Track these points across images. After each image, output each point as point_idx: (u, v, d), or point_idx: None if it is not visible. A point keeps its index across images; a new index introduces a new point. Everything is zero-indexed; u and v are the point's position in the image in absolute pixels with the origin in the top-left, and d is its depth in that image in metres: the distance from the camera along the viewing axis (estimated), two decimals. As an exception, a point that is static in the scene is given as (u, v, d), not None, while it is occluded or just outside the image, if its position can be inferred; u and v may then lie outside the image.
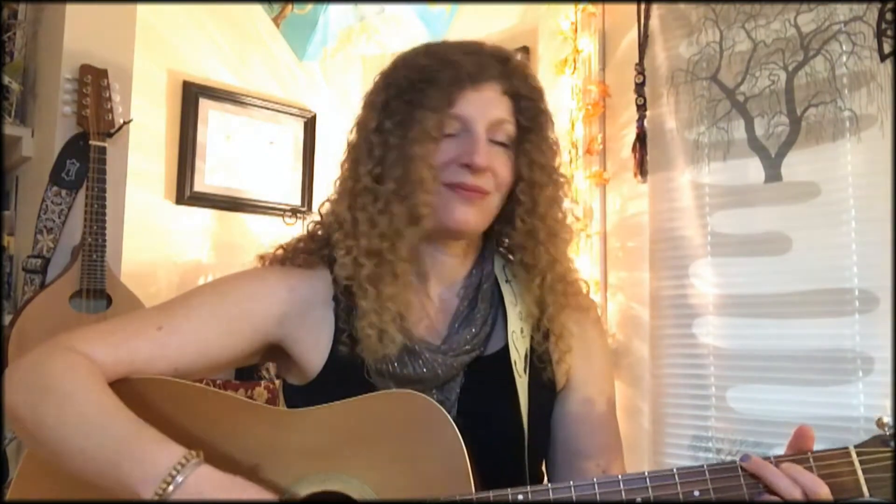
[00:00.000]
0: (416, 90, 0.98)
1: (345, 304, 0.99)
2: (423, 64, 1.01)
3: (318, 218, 1.08)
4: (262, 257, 1.09)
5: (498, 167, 0.99)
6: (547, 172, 1.02)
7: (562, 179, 1.06)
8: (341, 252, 0.98)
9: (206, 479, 0.77)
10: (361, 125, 1.03)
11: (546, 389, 1.04)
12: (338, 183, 1.04)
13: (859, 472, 0.79)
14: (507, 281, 1.05)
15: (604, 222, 2.23)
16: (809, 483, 0.78)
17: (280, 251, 1.08)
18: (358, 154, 1.01)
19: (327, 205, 1.06)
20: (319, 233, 1.06)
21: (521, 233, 1.02)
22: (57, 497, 0.84)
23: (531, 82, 1.04)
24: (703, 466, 0.81)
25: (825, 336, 1.74)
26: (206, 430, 0.89)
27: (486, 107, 0.98)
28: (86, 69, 2.06)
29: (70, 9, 2.12)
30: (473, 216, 0.98)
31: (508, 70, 1.02)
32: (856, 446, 0.80)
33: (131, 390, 0.89)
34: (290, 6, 2.93)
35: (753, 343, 1.86)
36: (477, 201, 0.98)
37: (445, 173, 0.97)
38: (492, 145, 0.98)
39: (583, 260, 2.17)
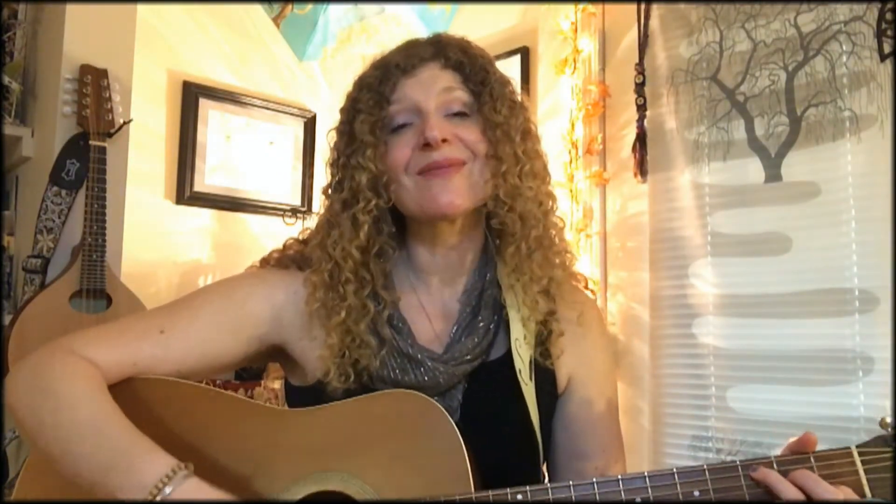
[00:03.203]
0: (354, 103, 0.99)
1: None
2: (360, 76, 1.02)
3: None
4: (264, 260, 1.09)
5: (464, 135, 0.96)
6: (503, 129, 0.97)
7: (521, 138, 0.98)
8: (309, 287, 0.98)
9: (193, 492, 0.77)
10: (328, 163, 1.03)
11: (551, 395, 1.03)
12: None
13: (861, 473, 0.78)
14: (510, 286, 1.01)
15: (604, 222, 2.23)
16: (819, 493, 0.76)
17: (278, 254, 1.08)
18: (327, 191, 1.02)
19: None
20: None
21: (493, 200, 0.97)
22: (64, 486, 0.83)
23: (472, 50, 1.01)
24: (703, 466, 0.81)
25: (825, 336, 1.73)
26: (207, 429, 0.89)
27: (425, 85, 0.97)
28: (86, 69, 2.06)
29: (70, 9, 2.12)
30: (457, 194, 0.94)
31: (441, 47, 1.00)
32: (858, 446, 0.79)
33: (133, 391, 0.89)
34: (290, 6, 2.93)
35: (753, 343, 1.86)
36: (454, 176, 0.94)
37: (413, 163, 0.95)
38: (450, 119, 0.96)
39: (583, 260, 2.17)
